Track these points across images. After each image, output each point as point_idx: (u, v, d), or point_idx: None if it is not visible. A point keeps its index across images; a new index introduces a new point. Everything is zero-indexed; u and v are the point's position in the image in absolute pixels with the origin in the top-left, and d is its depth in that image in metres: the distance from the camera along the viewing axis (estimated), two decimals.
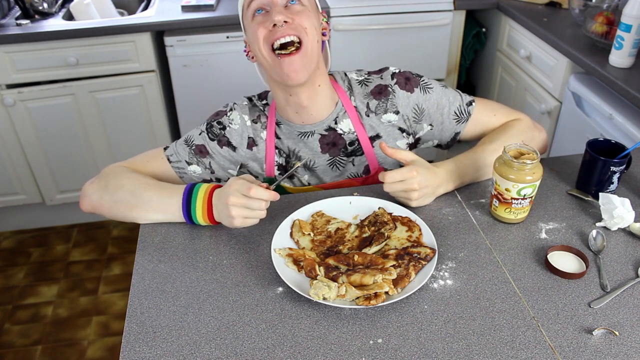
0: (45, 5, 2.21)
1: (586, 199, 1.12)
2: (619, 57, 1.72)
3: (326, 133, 1.20)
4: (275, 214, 1.09)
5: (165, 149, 1.22)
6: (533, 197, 1.04)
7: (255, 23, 1.08)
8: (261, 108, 1.23)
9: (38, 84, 2.17)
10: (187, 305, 0.90)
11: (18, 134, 2.24)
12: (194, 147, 1.20)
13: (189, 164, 1.20)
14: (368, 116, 1.20)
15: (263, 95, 1.26)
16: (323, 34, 1.15)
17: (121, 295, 2.22)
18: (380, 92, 1.20)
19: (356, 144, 1.22)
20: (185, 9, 2.21)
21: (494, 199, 1.06)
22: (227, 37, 2.22)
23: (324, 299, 0.87)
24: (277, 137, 1.22)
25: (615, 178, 1.10)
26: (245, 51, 1.18)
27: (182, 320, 0.87)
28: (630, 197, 1.11)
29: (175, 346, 0.83)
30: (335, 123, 1.20)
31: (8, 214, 2.54)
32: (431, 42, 2.38)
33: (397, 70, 1.21)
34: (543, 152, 1.24)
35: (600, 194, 1.07)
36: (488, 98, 2.60)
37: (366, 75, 1.23)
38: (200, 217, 1.05)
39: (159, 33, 2.24)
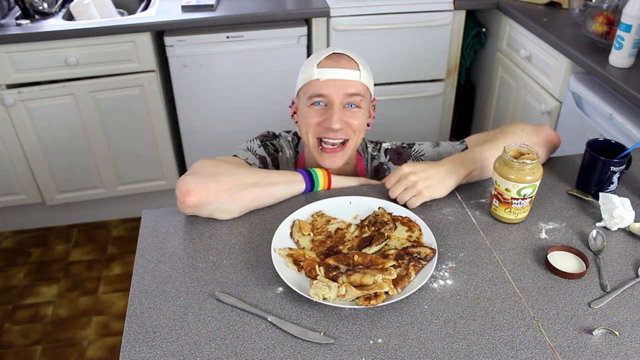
0: (45, 5, 2.21)
1: (586, 199, 1.12)
2: (619, 57, 1.72)
3: None
4: (275, 214, 1.10)
5: (235, 156, 1.24)
6: (533, 197, 1.04)
7: (311, 110, 1.16)
8: (294, 154, 1.33)
9: (38, 84, 2.17)
10: (187, 305, 0.90)
11: (18, 134, 2.24)
12: (257, 157, 1.25)
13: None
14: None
15: (294, 143, 1.34)
16: (368, 125, 1.22)
17: (121, 295, 2.22)
18: (379, 170, 1.31)
19: None
20: (185, 9, 2.20)
21: (494, 199, 1.06)
22: (227, 37, 2.21)
23: (324, 299, 0.87)
24: None
25: (615, 178, 1.10)
26: (291, 108, 1.25)
27: (182, 320, 0.87)
28: (630, 197, 1.11)
29: (175, 346, 0.83)
30: None
31: (8, 214, 2.53)
32: (431, 42, 2.38)
33: (389, 147, 1.31)
34: (556, 144, 1.23)
35: (600, 194, 1.08)
36: (488, 98, 2.62)
37: (377, 151, 1.32)
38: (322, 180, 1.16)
39: (159, 33, 2.24)
